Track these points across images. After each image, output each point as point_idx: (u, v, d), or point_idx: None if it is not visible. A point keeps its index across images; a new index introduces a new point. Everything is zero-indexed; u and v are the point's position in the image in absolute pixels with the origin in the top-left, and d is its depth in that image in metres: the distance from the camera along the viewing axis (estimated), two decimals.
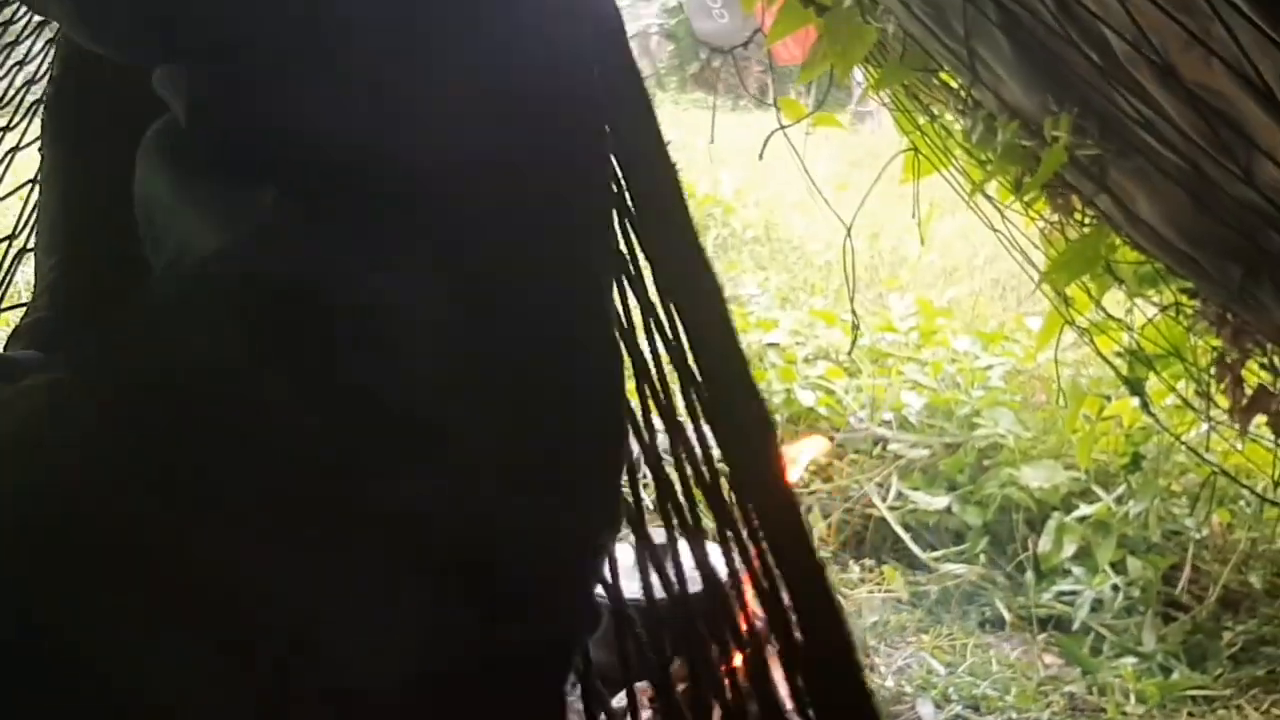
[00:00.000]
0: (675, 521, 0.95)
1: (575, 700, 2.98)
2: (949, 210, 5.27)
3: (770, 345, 4.48)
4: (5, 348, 0.87)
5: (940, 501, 3.70)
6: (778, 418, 4.07)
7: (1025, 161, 2.31)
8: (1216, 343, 2.69)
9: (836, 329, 4.76)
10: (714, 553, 3.15)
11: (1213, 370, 2.73)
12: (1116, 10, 1.35)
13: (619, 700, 2.77)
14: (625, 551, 3.17)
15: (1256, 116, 1.36)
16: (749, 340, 4.56)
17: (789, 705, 2.44)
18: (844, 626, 0.60)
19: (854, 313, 2.98)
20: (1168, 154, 1.73)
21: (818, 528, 3.61)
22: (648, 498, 3.72)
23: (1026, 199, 2.75)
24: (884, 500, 3.72)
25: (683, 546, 3.18)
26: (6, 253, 1.11)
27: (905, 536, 3.65)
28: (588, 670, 0.85)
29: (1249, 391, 2.62)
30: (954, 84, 2.57)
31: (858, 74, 3.25)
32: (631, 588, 3.06)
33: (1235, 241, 1.89)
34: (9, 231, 1.12)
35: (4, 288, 1.06)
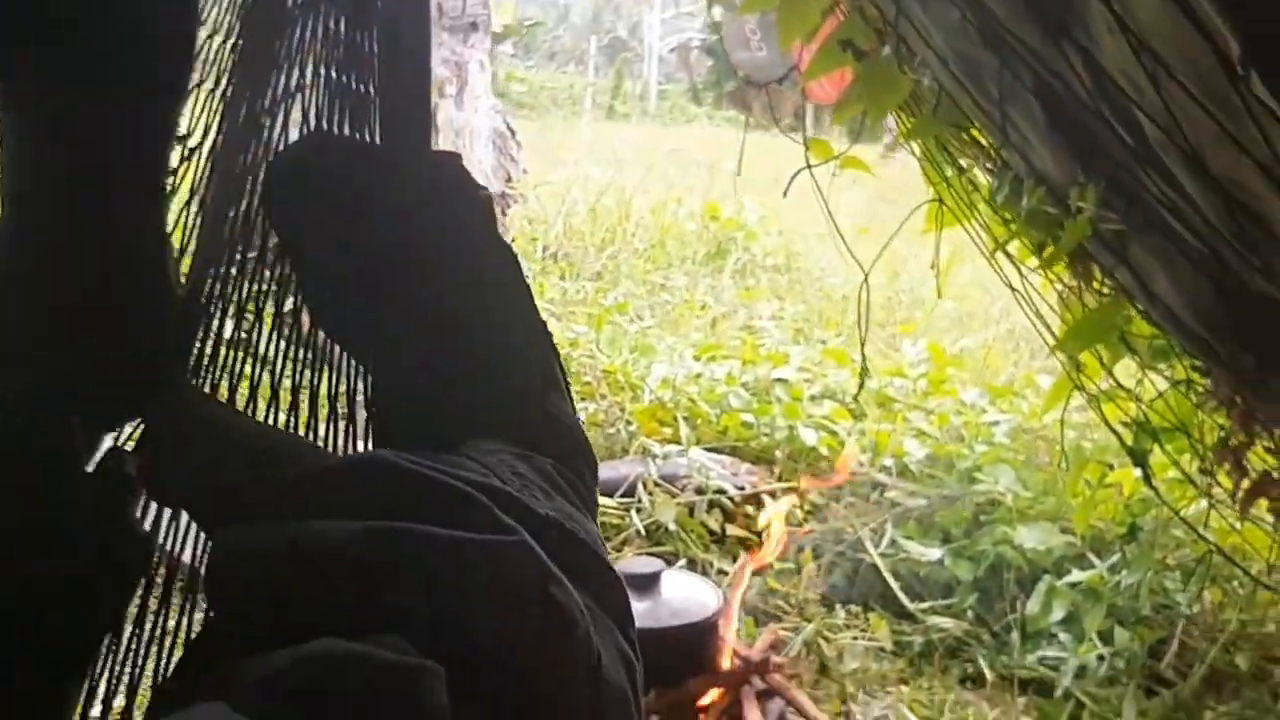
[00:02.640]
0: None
1: None
2: (969, 257, 5.22)
3: (779, 380, 4.47)
4: None
5: (933, 553, 3.68)
6: (779, 454, 4.06)
7: (1049, 227, 2.30)
8: (1224, 421, 2.68)
9: (846, 370, 4.74)
10: (699, 586, 3.13)
11: (1217, 449, 2.72)
12: (1151, 96, 1.35)
13: None
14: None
15: None
16: (758, 372, 4.55)
17: None
18: None
19: (863, 359, 2.97)
20: (1190, 238, 1.72)
21: (808, 568, 3.59)
22: (639, 522, 3.71)
23: (1046, 261, 2.75)
24: (877, 547, 3.70)
25: (668, 577, 3.16)
26: None
27: (895, 585, 3.63)
28: None
29: (1251, 475, 2.61)
30: (984, 141, 2.57)
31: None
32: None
33: (1251, 331, 1.88)
34: None
35: None
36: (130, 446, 0.77)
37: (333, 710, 0.53)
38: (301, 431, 1.03)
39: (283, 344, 1.05)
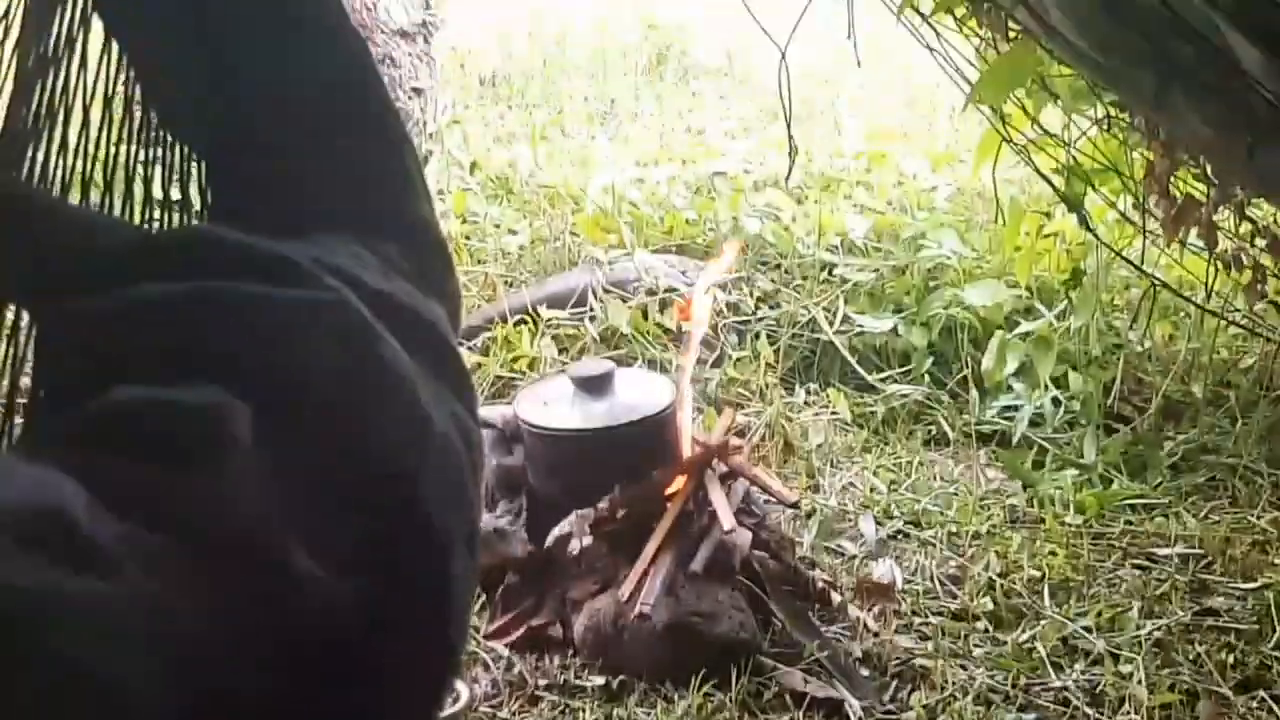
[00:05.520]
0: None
1: (520, 529, 3.00)
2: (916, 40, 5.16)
3: (717, 174, 4.46)
4: None
5: (886, 324, 3.73)
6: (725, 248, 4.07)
7: None
8: (1152, 155, 2.70)
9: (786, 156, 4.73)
10: (653, 380, 3.16)
11: (1145, 180, 2.75)
12: None
13: (561, 528, 2.81)
14: (563, 383, 3.20)
15: None
16: (698, 171, 4.54)
17: (729, 523, 2.47)
18: None
19: (790, 136, 2.96)
20: None
21: (764, 354, 3.63)
22: (593, 330, 3.72)
23: (959, 15, 2.74)
24: (831, 325, 3.74)
25: (621, 375, 3.18)
26: None
27: (852, 360, 3.68)
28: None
29: (1179, 201, 2.65)
30: None
31: None
32: (573, 417, 3.09)
33: (1146, 50, 1.89)
34: None
35: None
36: None
37: (126, 447, 0.54)
38: None
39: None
